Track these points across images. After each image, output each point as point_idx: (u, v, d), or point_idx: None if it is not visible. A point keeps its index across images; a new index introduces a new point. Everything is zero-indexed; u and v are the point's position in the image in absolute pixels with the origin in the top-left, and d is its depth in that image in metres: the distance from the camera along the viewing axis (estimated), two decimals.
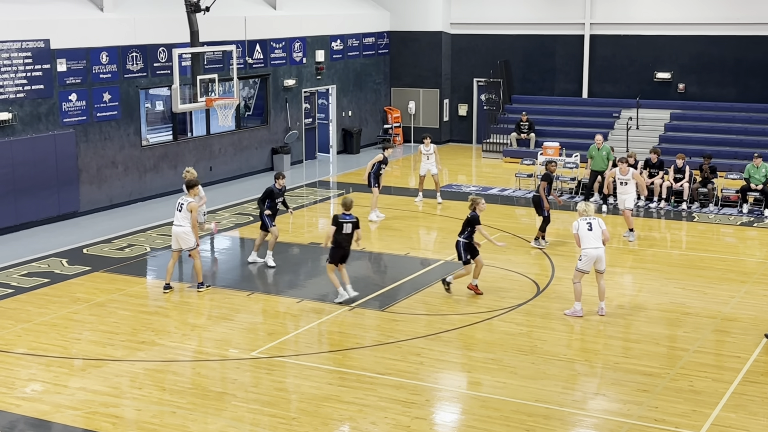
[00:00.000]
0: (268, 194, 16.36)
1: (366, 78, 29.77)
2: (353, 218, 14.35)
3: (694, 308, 14.31)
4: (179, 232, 14.95)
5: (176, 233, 15.02)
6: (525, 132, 27.77)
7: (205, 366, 12.07)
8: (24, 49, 18.75)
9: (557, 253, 17.41)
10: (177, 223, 15.02)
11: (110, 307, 14.36)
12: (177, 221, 15.03)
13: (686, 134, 26.37)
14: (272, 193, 16.36)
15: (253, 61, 24.77)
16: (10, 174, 18.54)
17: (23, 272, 16.16)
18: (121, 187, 21.29)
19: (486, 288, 15.17)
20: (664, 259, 17.19)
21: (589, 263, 13.86)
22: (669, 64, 27.80)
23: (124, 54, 21.03)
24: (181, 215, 14.96)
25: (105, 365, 12.08)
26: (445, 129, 30.81)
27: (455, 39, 30.32)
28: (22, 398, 11.06)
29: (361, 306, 14.38)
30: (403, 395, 11.11)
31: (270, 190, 16.39)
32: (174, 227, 15.10)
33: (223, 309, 14.31)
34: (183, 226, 14.92)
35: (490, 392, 11.22)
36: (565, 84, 29.23)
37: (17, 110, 18.73)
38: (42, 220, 19.37)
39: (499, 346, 12.73)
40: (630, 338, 13.16)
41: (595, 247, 13.76)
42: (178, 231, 14.98)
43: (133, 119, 21.44)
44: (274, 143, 25.96)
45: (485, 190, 23.31)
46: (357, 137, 29.00)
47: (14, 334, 13.19)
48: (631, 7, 28.04)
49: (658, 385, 11.41)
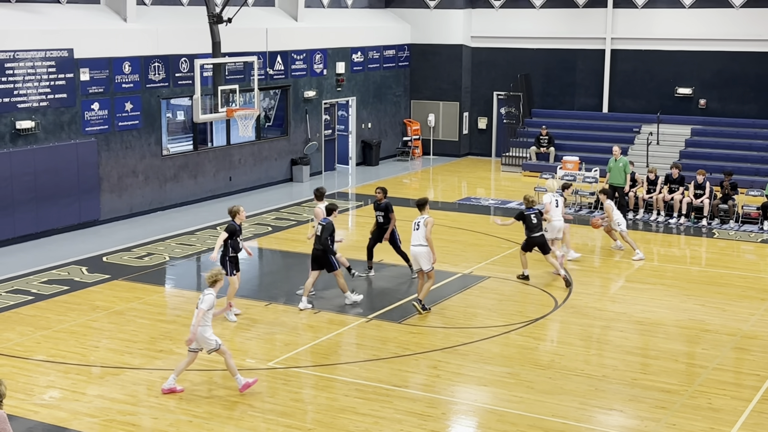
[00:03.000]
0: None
1: (386, 90, 29.84)
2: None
3: (713, 325, 14.21)
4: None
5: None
6: (544, 146, 27.73)
7: (222, 375, 12.10)
8: (48, 58, 18.94)
9: (575, 268, 17.35)
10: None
11: (129, 316, 14.43)
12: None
13: (707, 150, 26.25)
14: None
15: (274, 72, 24.89)
16: (32, 182, 18.70)
17: (43, 279, 16.28)
18: (141, 196, 21.42)
19: (503, 302, 15.13)
20: (683, 276, 17.09)
21: (553, 233, 16.78)
22: (690, 80, 27.70)
23: (147, 64, 21.19)
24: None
25: (123, 373, 12.13)
26: (465, 142, 30.81)
27: (476, 52, 30.35)
28: (41, 405, 11.12)
29: (379, 318, 14.37)
30: (420, 408, 11.09)
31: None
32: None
33: (240, 319, 14.35)
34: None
35: (507, 406, 11.18)
36: (586, 98, 29.19)
37: (40, 119, 18.90)
38: (63, 228, 19.50)
39: (516, 360, 12.69)
40: (648, 354, 13.08)
41: (559, 219, 16.91)
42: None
43: (154, 129, 21.58)
44: (293, 154, 26.04)
45: (504, 204, 23.28)
46: (376, 149, 29.05)
47: (33, 341, 13.28)
48: (653, 22, 27.98)
49: (677, 402, 11.33)
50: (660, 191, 21.43)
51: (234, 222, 14.11)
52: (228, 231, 13.96)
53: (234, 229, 14.00)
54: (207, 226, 20.33)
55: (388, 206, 16.40)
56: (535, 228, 16.20)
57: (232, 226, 14.02)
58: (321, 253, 14.62)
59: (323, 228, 14.64)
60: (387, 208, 16.38)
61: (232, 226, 14.03)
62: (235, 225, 14.07)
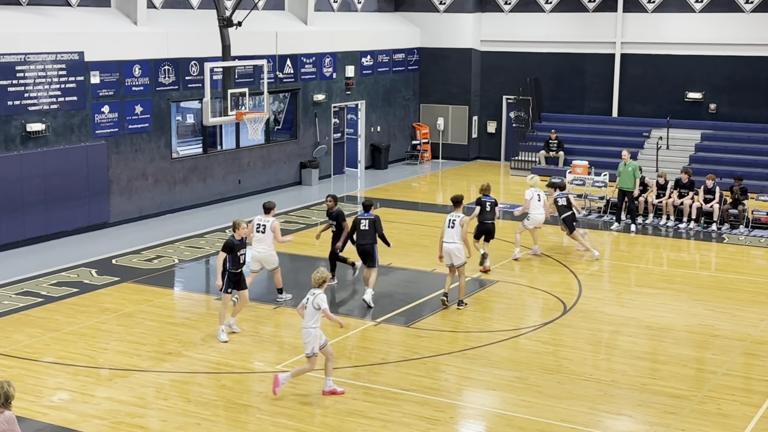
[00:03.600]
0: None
1: (395, 94, 29.85)
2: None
3: (722, 330, 14.16)
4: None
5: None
6: (554, 150, 27.70)
7: (231, 378, 12.11)
8: (58, 61, 19.01)
9: (584, 272, 17.32)
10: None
11: (138, 318, 14.46)
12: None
13: (717, 155, 26.18)
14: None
15: (283, 75, 24.92)
16: (42, 184, 18.76)
17: (53, 282, 16.32)
18: (150, 198, 21.46)
19: (512, 306, 15.11)
20: (693, 281, 17.04)
21: (533, 224, 17.81)
22: (700, 84, 27.64)
23: (157, 67, 21.25)
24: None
25: (131, 375, 12.15)
26: (474, 146, 30.79)
27: (485, 56, 30.34)
28: (50, 407, 11.15)
29: (387, 321, 14.37)
30: (428, 412, 11.08)
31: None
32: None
33: (249, 322, 14.36)
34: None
35: (515, 411, 11.15)
36: (595, 103, 29.14)
37: (51, 121, 18.97)
38: (72, 231, 19.56)
39: (524, 364, 12.66)
40: (657, 359, 13.04)
41: (540, 213, 17.75)
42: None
43: (163, 132, 21.63)
44: (302, 157, 26.07)
45: (513, 208, 23.20)
46: (385, 153, 29.05)
47: (43, 343, 13.32)
48: (663, 26, 27.93)
49: (686, 408, 11.29)
50: (670, 196, 21.37)
51: (233, 237, 13.42)
52: (224, 249, 13.34)
53: (231, 245, 13.26)
54: (216, 228, 20.35)
55: (339, 215, 15.89)
56: (488, 215, 16.99)
57: (229, 243, 13.29)
58: (370, 248, 15.08)
59: (373, 222, 15.12)
60: (338, 217, 15.89)
61: (230, 242, 13.30)
62: (233, 240, 13.32)
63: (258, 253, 14.88)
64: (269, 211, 14.97)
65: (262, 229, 14.86)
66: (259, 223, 14.90)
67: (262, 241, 14.83)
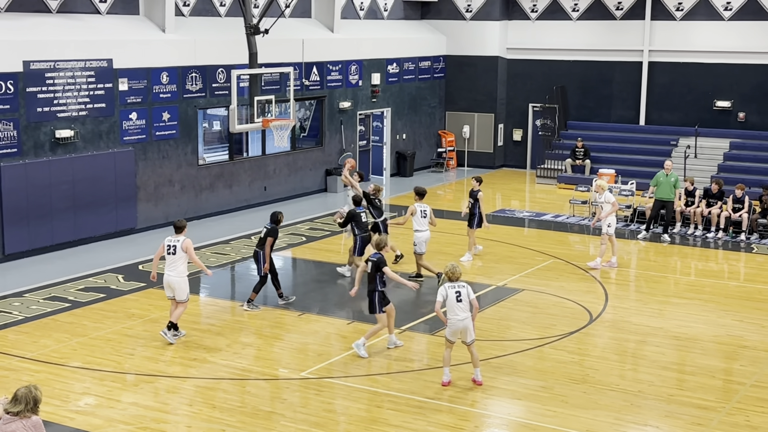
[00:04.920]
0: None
1: (421, 101, 29.86)
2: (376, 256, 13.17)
3: (751, 341, 14.00)
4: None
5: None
6: (580, 158, 27.57)
7: (255, 385, 12.13)
8: (87, 69, 19.18)
9: (611, 281, 17.21)
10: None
11: (164, 324, 14.51)
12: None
13: (746, 164, 25.93)
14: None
15: (309, 83, 25.00)
16: (70, 190, 18.92)
17: (80, 287, 16.45)
18: (177, 205, 21.58)
19: (537, 315, 15.04)
20: (721, 291, 16.87)
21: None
22: (729, 93, 27.41)
23: (184, 74, 21.40)
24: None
25: (157, 381, 12.21)
26: (500, 154, 30.72)
27: (511, 64, 30.28)
28: (76, 411, 11.22)
29: (411, 330, 14.34)
30: (452, 420, 11.03)
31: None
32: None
33: (274, 329, 14.39)
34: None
35: (540, 420, 11.08)
36: (622, 111, 28.98)
37: (79, 128, 19.14)
38: (100, 236, 19.70)
39: (550, 374, 12.59)
40: (685, 370, 12.92)
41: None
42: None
43: (190, 138, 21.76)
44: (328, 165, 26.12)
45: (538, 216, 23.15)
46: (411, 160, 29.05)
47: (70, 348, 13.41)
48: (691, 34, 27.73)
49: (714, 419, 11.17)
50: (698, 205, 21.19)
51: (380, 254, 12.98)
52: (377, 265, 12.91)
53: (380, 262, 12.90)
54: (242, 235, 20.43)
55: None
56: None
57: (380, 259, 12.87)
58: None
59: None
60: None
61: (380, 258, 12.88)
62: (381, 258, 12.91)
63: (169, 277, 13.41)
64: (181, 230, 13.57)
65: (172, 251, 13.39)
66: (169, 244, 13.44)
67: (173, 264, 13.38)
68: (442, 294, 11.88)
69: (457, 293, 11.79)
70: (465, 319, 11.78)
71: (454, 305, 11.78)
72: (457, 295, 11.79)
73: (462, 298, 11.79)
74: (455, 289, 11.83)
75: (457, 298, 11.79)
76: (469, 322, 11.84)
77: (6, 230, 17.89)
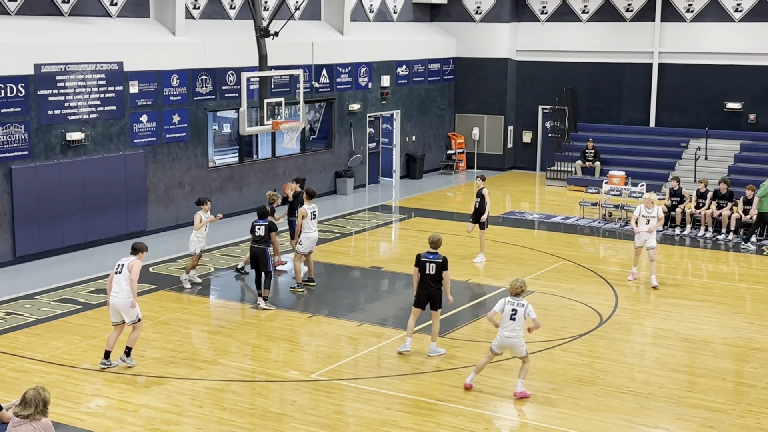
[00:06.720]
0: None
1: (430, 103, 29.86)
2: (438, 257, 13.03)
3: (762, 343, 13.95)
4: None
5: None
6: (590, 160, 27.52)
7: (265, 387, 12.15)
8: (98, 71, 19.25)
9: (621, 283, 17.16)
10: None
11: (174, 326, 14.56)
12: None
13: (756, 165, 25.82)
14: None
15: (319, 85, 25.04)
16: (81, 192, 18.99)
17: (91, 289, 16.50)
18: (187, 207, 21.60)
19: (548, 317, 15.01)
20: (731, 293, 16.81)
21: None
22: (739, 94, 27.32)
23: (194, 77, 21.45)
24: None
25: (167, 383, 12.24)
26: (509, 156, 30.69)
27: (521, 66, 30.25)
28: (87, 413, 11.25)
29: (421, 331, 14.34)
30: (462, 423, 11.03)
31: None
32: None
33: (283, 330, 14.41)
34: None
35: (551, 423, 11.07)
36: (632, 112, 28.92)
37: (90, 130, 19.21)
38: (110, 239, 19.76)
39: (560, 376, 12.57)
40: (696, 372, 12.88)
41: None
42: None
43: (200, 141, 21.82)
44: (337, 167, 26.15)
45: (548, 218, 23.12)
46: (420, 162, 29.06)
47: (81, 350, 13.46)
48: (702, 36, 27.65)
49: (725, 422, 11.13)
50: (708, 207, 21.13)
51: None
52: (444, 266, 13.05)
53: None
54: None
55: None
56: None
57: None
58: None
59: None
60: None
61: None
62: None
63: (114, 298, 12.44)
64: (137, 253, 12.71)
65: (119, 269, 12.52)
66: (119, 263, 12.62)
67: (119, 284, 12.45)
68: (500, 305, 11.74)
69: (513, 311, 11.59)
70: (512, 337, 11.60)
71: (507, 320, 11.63)
72: (512, 313, 11.59)
73: (517, 317, 11.57)
74: (513, 306, 11.61)
75: (512, 316, 11.59)
76: (517, 341, 11.63)
77: (17, 232, 17.97)
